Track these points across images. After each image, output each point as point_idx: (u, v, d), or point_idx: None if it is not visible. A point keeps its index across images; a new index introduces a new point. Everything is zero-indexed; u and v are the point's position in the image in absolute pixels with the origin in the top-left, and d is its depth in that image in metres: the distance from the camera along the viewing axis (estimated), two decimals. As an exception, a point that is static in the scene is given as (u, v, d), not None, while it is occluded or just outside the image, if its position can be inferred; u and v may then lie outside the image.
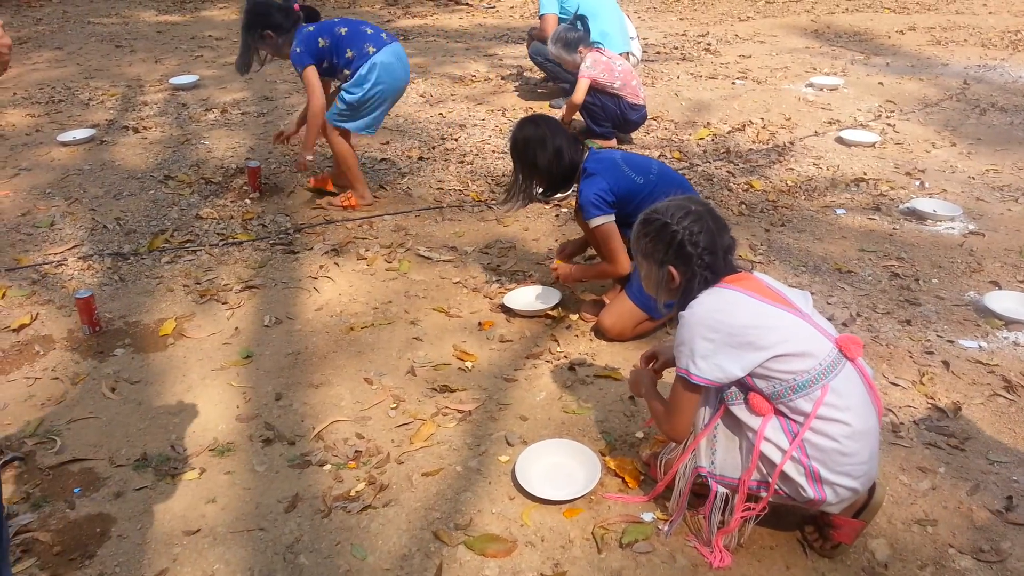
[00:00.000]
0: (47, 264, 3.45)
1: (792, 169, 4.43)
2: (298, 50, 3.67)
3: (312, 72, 3.69)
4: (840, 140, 4.82)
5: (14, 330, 2.98)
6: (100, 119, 5.28)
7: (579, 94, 4.54)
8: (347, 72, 3.73)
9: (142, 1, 10.02)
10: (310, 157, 3.88)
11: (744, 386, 1.83)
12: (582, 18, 4.59)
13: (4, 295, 3.22)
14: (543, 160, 2.87)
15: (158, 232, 3.72)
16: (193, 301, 3.18)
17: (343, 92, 3.76)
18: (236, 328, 3.00)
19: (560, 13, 5.30)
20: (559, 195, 3.94)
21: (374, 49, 3.69)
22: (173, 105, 5.58)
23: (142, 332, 2.98)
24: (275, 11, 3.70)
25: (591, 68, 4.52)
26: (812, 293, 3.16)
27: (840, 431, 1.75)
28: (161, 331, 2.98)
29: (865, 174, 4.34)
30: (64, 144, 4.79)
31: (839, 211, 3.91)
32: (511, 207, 3.04)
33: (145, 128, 5.10)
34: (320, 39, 3.69)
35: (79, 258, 3.50)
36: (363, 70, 3.68)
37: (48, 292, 3.24)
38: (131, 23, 8.58)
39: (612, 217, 2.82)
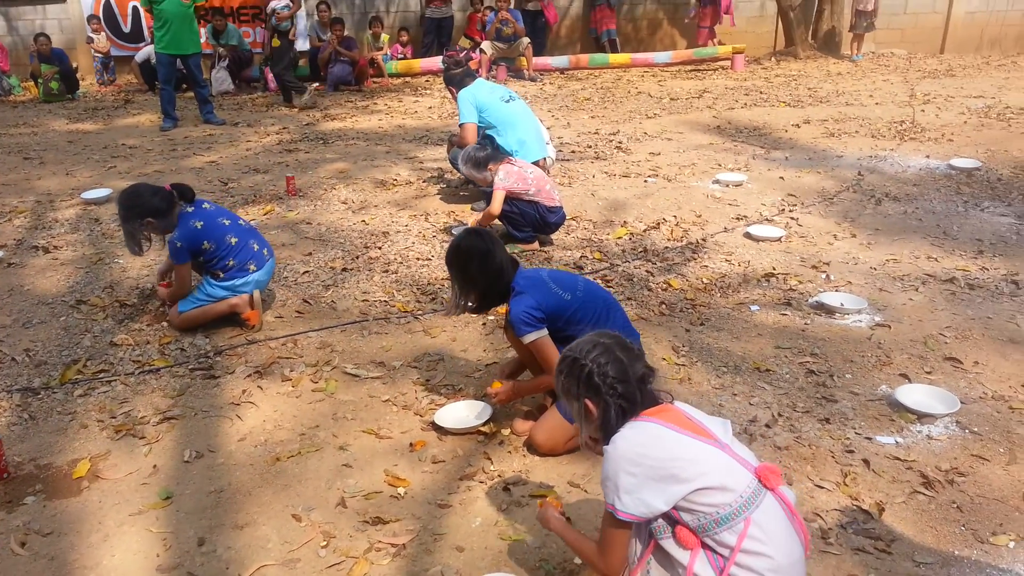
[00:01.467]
0: (-53, 404, 3.26)
1: (706, 266, 4.60)
2: (179, 245, 3.70)
3: (187, 269, 3.82)
4: (748, 235, 5.05)
5: (-91, 482, 2.79)
6: (8, 239, 5.11)
7: (496, 205, 4.68)
8: (221, 274, 3.82)
9: (51, 110, 9.89)
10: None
11: (671, 519, 1.85)
12: (489, 137, 4.75)
13: (-102, 442, 3.01)
14: (483, 276, 2.88)
15: (70, 363, 3.58)
16: (108, 437, 3.04)
17: (210, 285, 3.83)
18: (154, 466, 2.87)
19: (480, 123, 5.47)
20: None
21: (255, 268, 3.87)
22: (85, 221, 5.46)
23: (54, 476, 2.83)
24: (149, 196, 3.70)
25: (504, 180, 4.68)
26: (735, 394, 3.28)
27: (764, 565, 1.78)
28: (75, 473, 2.83)
29: (774, 269, 4.54)
30: (-33, 268, 4.61)
31: (753, 308, 4.06)
32: (457, 314, 3.09)
33: (56, 247, 4.96)
34: (205, 242, 3.74)
35: (-16, 396, 3.32)
36: (238, 281, 3.82)
37: (-52, 436, 3.05)
38: (40, 133, 8.43)
39: (545, 330, 2.85)
